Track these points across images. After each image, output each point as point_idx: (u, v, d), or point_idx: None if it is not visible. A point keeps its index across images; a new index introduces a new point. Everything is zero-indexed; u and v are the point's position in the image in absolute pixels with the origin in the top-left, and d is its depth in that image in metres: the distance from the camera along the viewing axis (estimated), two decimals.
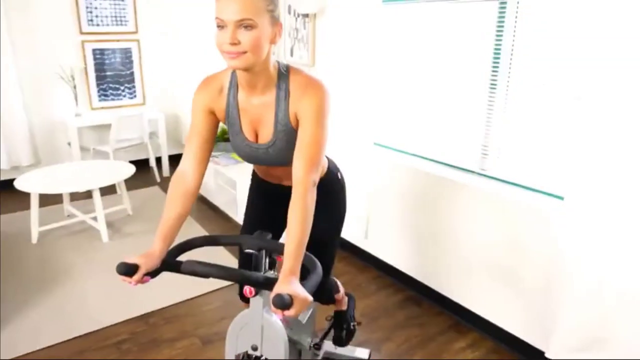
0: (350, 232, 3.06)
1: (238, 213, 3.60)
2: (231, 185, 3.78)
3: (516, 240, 2.23)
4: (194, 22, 4.53)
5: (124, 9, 4.57)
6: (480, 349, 2.36)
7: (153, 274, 1.29)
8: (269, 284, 1.19)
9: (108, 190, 4.08)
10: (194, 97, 1.45)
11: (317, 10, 2.88)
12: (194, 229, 3.65)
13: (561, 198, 2.01)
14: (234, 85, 1.42)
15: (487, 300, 2.42)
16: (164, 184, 4.65)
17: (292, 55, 3.39)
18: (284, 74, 1.38)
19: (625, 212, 1.73)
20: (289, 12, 3.31)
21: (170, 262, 1.33)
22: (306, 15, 2.94)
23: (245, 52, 1.22)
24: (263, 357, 1.43)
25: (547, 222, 2.07)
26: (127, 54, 4.71)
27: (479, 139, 2.44)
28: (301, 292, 1.12)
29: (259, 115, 1.42)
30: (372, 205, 2.98)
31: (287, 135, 1.41)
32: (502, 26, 2.22)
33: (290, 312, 1.08)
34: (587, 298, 1.87)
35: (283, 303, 1.07)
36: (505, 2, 2.18)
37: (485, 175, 2.42)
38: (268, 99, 1.39)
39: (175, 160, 5.13)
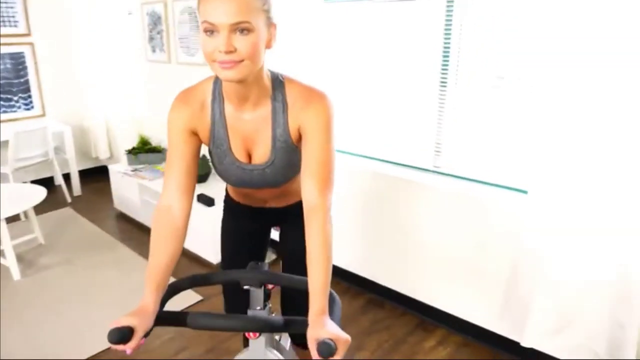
0: None
1: None
2: None
3: (478, 234, 2.27)
4: (96, 20, 4.08)
5: (12, 7, 3.97)
6: (450, 345, 2.38)
7: (148, 332, 1.06)
8: (298, 326, 1.05)
9: (11, 217, 3.53)
10: (170, 116, 1.22)
11: None
12: (123, 253, 3.29)
13: (525, 192, 2.07)
14: (218, 99, 1.22)
15: (452, 296, 2.44)
16: (77, 204, 4.16)
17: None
18: (279, 83, 1.21)
19: (588, 200, 1.82)
20: None
21: (168, 316, 1.10)
22: None
23: (242, 61, 1.03)
24: None
25: (510, 215, 2.12)
26: (19, 59, 4.12)
27: (432, 137, 2.45)
28: (341, 333, 0.98)
29: (252, 132, 1.23)
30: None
31: (287, 152, 1.25)
32: (450, 23, 2.23)
33: (336, 357, 0.95)
34: (556, 285, 1.94)
35: (330, 350, 0.94)
36: (452, 1, 2.20)
37: (440, 173, 2.43)
38: (263, 112, 1.21)
39: (86, 176, 4.61)
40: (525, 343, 2.06)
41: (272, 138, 1.22)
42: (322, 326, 0.99)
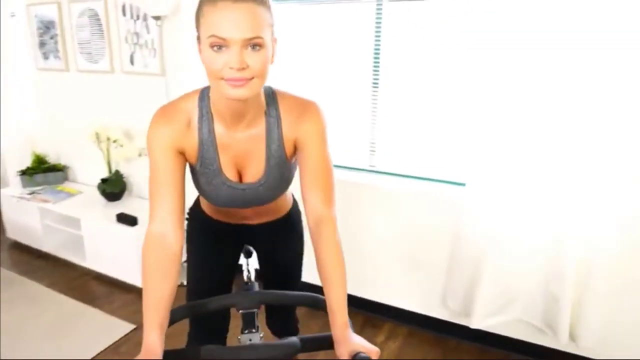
0: None
1: (86, 256, 3.00)
2: (69, 223, 3.11)
3: (418, 228, 2.37)
4: None
5: None
6: (398, 337, 2.45)
7: None
8: (323, 344, 1.02)
9: None
10: (152, 134, 1.10)
11: (169, 12, 2.54)
12: (28, 288, 2.89)
13: (463, 184, 2.20)
14: (206, 117, 1.12)
15: (396, 290, 2.52)
16: None
17: (132, 63, 2.93)
18: (272, 98, 1.16)
19: (522, 190, 1.99)
20: (124, 14, 2.85)
21: (177, 355, 0.98)
22: (157, 18, 2.56)
23: (252, 78, 0.97)
24: None
25: (449, 207, 2.25)
26: None
27: (366, 137, 2.50)
28: (370, 345, 0.98)
29: (245, 151, 1.16)
30: None
31: (280, 168, 1.20)
32: (380, 26, 2.30)
33: None
34: (496, 268, 2.10)
35: None
36: (381, 3, 2.27)
37: (376, 172, 2.50)
38: (256, 130, 1.15)
39: None
40: (474, 325, 2.19)
41: (266, 155, 1.17)
42: (351, 340, 0.98)
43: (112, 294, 2.82)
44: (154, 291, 1.00)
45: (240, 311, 1.16)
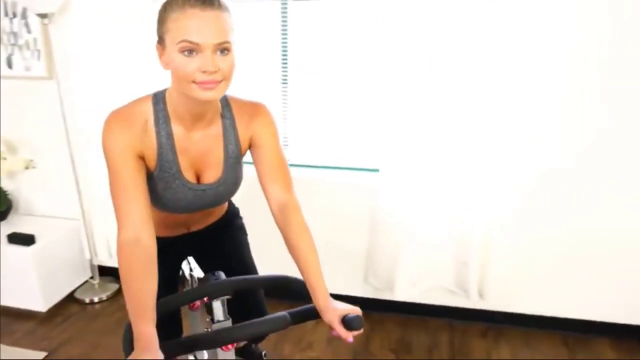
0: None
1: None
2: None
3: (337, 215, 2.50)
4: None
5: None
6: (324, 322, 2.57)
7: None
8: (310, 316, 1.12)
9: None
10: (110, 140, 1.07)
11: (57, 9, 2.33)
12: None
13: (377, 170, 2.37)
14: (163, 121, 1.13)
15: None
16: None
17: (10, 67, 2.63)
18: (225, 100, 1.21)
19: (431, 170, 2.23)
20: None
21: (176, 346, 0.97)
22: (44, 16, 2.33)
23: (221, 81, 1.02)
24: None
25: (365, 192, 2.41)
26: None
27: (279, 132, 2.56)
28: (351, 306, 1.10)
29: (203, 152, 1.19)
30: None
31: (236, 168, 1.25)
32: (286, 23, 2.38)
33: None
34: (415, 244, 2.32)
35: (361, 321, 1.06)
36: (286, 3, 2.35)
37: (291, 165, 2.58)
38: (213, 131, 1.19)
39: None
40: (397, 297, 2.40)
41: (224, 155, 1.21)
42: (335, 305, 1.09)
43: (12, 324, 2.53)
44: (139, 291, 0.98)
45: (213, 301, 1.17)
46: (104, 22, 2.33)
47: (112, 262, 2.90)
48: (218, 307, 1.20)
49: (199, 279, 1.50)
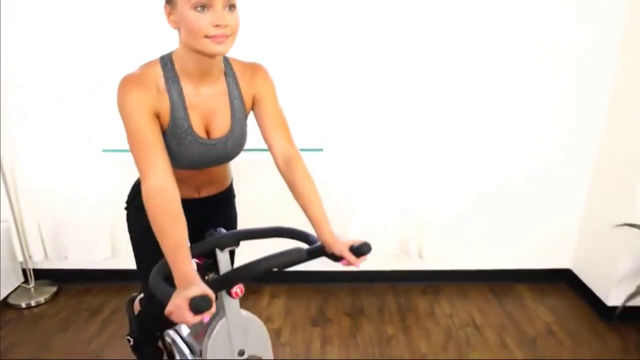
0: (87, 254, 2.63)
1: None
2: None
3: (285, 196, 2.61)
4: None
5: None
6: (281, 296, 2.68)
7: None
8: (321, 252, 1.25)
9: None
10: (128, 98, 1.13)
11: None
12: None
13: (321, 150, 2.52)
14: (173, 80, 1.19)
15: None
16: None
17: None
18: (225, 59, 1.29)
19: (372, 148, 2.43)
20: None
21: (215, 283, 1.07)
22: None
23: (229, 36, 1.10)
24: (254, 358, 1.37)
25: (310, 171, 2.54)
26: None
27: None
28: (355, 237, 1.25)
29: (211, 108, 1.26)
30: (114, 218, 2.65)
31: (242, 123, 1.33)
32: None
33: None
34: (362, 216, 2.52)
35: (370, 246, 1.19)
36: None
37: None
38: (219, 87, 1.27)
39: None
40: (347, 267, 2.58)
41: (231, 110, 1.29)
42: (341, 239, 1.23)
43: None
44: (175, 232, 1.05)
45: (220, 253, 1.25)
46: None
47: (47, 264, 2.75)
48: (225, 258, 1.28)
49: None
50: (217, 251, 1.28)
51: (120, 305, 2.56)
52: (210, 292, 0.96)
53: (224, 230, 1.30)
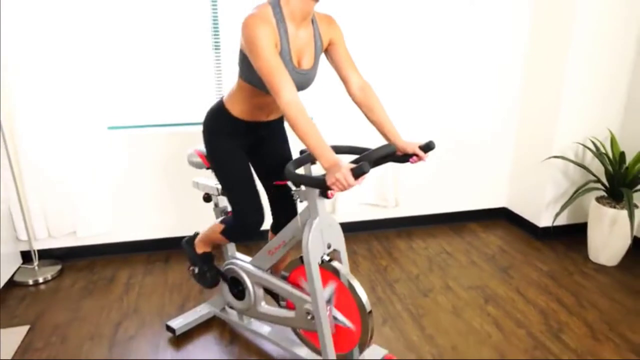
0: (91, 229, 2.73)
1: None
2: None
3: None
4: None
5: None
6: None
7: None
8: (397, 159, 1.68)
9: None
10: (259, 30, 1.44)
11: None
12: None
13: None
14: (280, 21, 1.52)
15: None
16: None
17: None
18: None
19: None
20: None
21: (359, 167, 1.35)
22: None
23: None
24: (335, 250, 1.73)
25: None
26: None
27: (210, 94, 2.89)
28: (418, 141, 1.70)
29: (303, 45, 1.61)
30: (118, 190, 2.78)
31: (319, 60, 1.70)
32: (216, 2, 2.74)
33: None
34: None
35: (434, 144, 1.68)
36: None
37: None
38: (309, 31, 1.62)
39: None
40: (339, 219, 2.98)
41: (315, 48, 1.66)
42: (411, 140, 1.64)
43: None
44: (313, 134, 1.39)
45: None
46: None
47: (54, 243, 2.80)
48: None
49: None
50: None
51: (134, 273, 2.70)
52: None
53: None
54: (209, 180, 2.05)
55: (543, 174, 3.04)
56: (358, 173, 1.32)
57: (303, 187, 1.67)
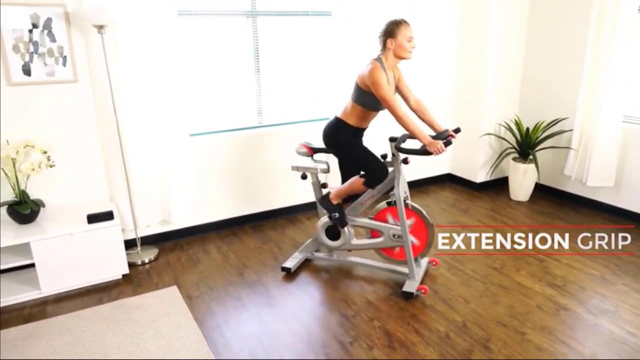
0: (179, 216, 3.48)
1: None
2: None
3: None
4: None
5: None
6: (307, 222, 4.00)
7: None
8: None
9: None
10: (381, 76, 2.56)
11: (110, 22, 2.86)
12: None
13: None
14: (384, 69, 2.62)
15: (296, 195, 4.03)
16: None
17: (30, 74, 2.87)
18: None
19: None
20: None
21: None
22: (101, 27, 2.78)
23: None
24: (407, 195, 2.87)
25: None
26: None
27: (254, 106, 3.80)
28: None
29: (392, 81, 2.74)
30: (198, 186, 3.54)
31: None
32: (257, 31, 3.66)
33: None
34: None
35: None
36: (256, 17, 3.62)
37: (264, 126, 3.86)
38: (392, 73, 2.74)
39: None
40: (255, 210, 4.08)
41: (395, 82, 2.79)
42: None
43: (107, 290, 2.92)
44: (417, 127, 2.54)
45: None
46: (131, 34, 3.04)
47: (151, 231, 3.51)
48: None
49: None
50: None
51: (219, 245, 3.52)
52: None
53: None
54: (306, 163, 3.04)
55: (476, 146, 4.50)
56: (447, 144, 2.53)
57: (389, 158, 2.80)
